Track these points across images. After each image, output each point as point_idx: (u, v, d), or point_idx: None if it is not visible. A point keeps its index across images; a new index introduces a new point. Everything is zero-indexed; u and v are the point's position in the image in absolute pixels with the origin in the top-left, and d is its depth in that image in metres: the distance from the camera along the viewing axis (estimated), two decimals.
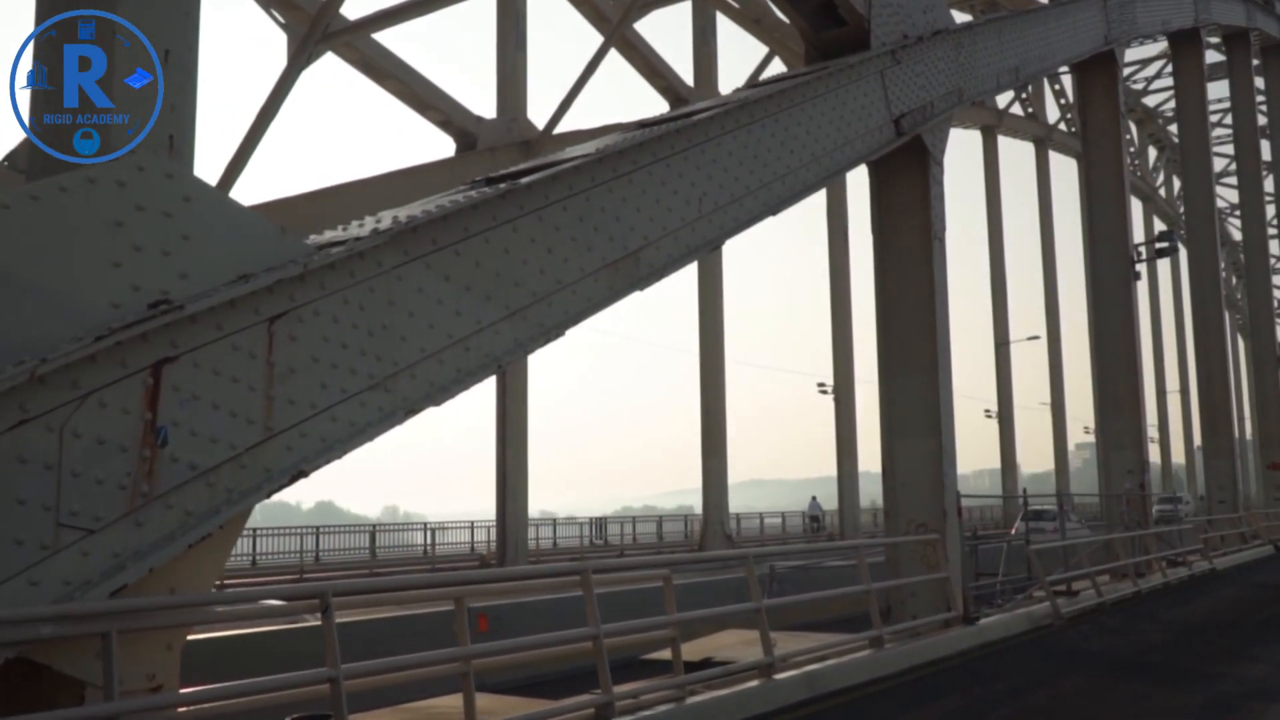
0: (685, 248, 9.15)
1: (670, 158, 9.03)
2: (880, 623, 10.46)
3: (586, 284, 8.05)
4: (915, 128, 13.12)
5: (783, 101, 10.63)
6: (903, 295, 13.81)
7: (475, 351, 7.09)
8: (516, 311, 7.43)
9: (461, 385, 6.94)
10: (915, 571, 12.97)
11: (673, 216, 8.99)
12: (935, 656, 10.90)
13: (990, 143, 51.99)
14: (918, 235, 13.75)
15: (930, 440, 13.37)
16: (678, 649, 8.20)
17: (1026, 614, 13.63)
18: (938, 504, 13.15)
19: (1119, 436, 21.20)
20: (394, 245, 6.59)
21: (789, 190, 10.63)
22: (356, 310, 6.34)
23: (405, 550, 32.78)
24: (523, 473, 30.27)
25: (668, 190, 8.97)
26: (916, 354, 13.60)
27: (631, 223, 8.55)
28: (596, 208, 8.21)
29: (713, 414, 38.89)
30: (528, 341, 7.48)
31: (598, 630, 7.22)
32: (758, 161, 10.15)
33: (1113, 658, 11.39)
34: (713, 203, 9.47)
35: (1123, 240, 21.47)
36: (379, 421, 6.38)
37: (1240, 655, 11.22)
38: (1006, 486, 50.30)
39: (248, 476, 5.68)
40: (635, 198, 8.61)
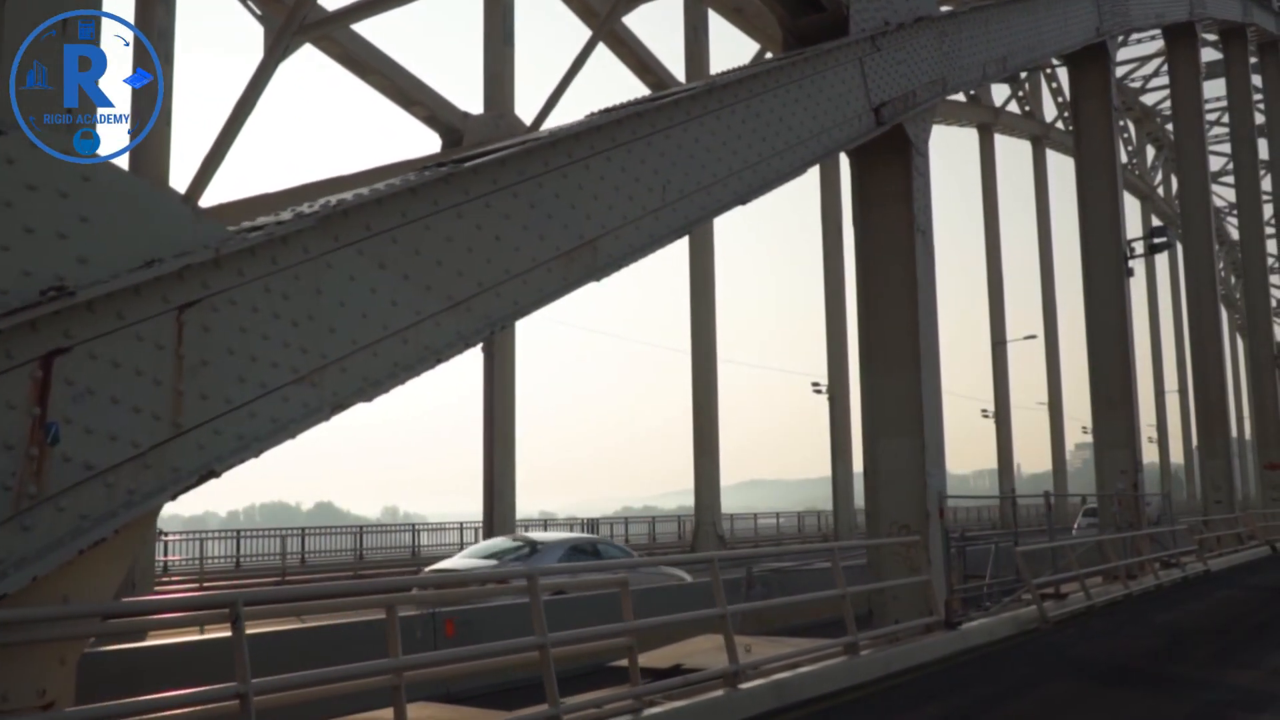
0: (648, 237, 8.75)
1: (631, 143, 8.63)
2: (855, 628, 10.04)
3: (538, 274, 7.65)
4: (896, 117, 12.72)
5: (754, 87, 10.23)
6: (885, 290, 13.43)
7: (414, 344, 6.70)
8: (460, 302, 7.04)
9: (397, 379, 6.55)
10: (897, 574, 12.60)
11: (634, 204, 8.59)
12: (914, 663, 10.51)
13: (987, 141, 51.65)
14: (900, 228, 13.36)
15: (913, 439, 12.99)
16: (634, 658, 7.81)
17: (1012, 618, 13.24)
18: (920, 505, 12.78)
19: (1113, 435, 20.81)
20: (322, 230, 6.20)
21: (760, 179, 10.23)
22: (279, 299, 5.95)
23: (390, 552, 32.34)
24: (510, 473, 29.91)
25: (628, 177, 8.58)
26: (899, 350, 13.22)
27: (588, 210, 8.15)
28: (550, 194, 7.82)
29: (704, 414, 38.51)
30: (472, 334, 7.08)
31: (544, 639, 6.83)
32: (726, 149, 9.74)
33: (1097, 664, 11.00)
34: (677, 190, 9.07)
35: (1115, 235, 21.07)
36: (303, 418, 5.99)
37: (1229, 661, 10.83)
38: (1003, 487, 50.01)
39: (151, 477, 5.28)
40: (593, 184, 8.21)
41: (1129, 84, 58.96)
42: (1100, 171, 21.31)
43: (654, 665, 10.10)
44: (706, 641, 11.60)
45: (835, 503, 38.13)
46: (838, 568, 10.37)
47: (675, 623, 8.87)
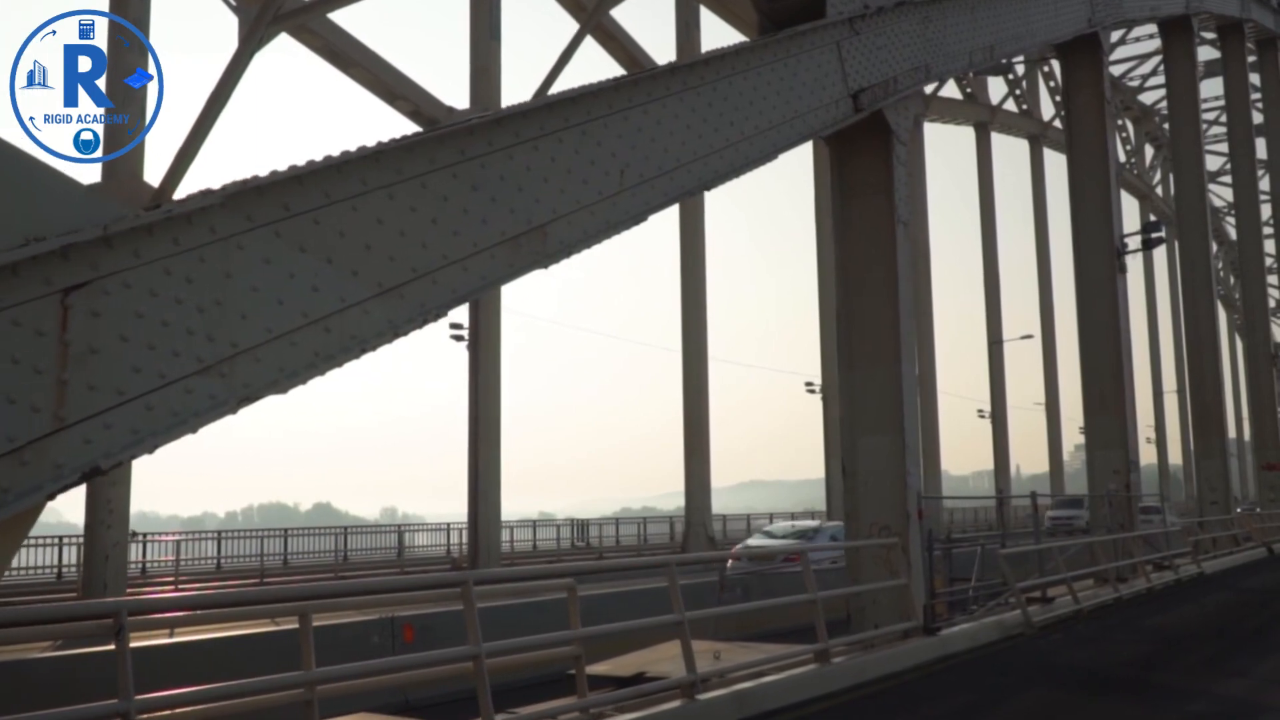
0: (604, 223, 8.32)
1: (585, 124, 8.19)
2: (826, 634, 9.59)
3: (480, 260, 7.21)
4: (876, 103, 12.27)
5: (722, 69, 9.79)
6: (864, 283, 13.00)
7: (338, 333, 6.26)
8: (392, 289, 6.60)
9: (317, 370, 6.11)
10: (877, 577, 12.17)
11: (588, 189, 8.15)
12: (889, 671, 10.05)
13: (984, 139, 51.24)
14: (881, 219, 12.93)
15: (893, 437, 12.55)
16: (581, 667, 7.36)
17: (996, 623, 12.78)
18: (900, 505, 12.35)
19: (1105, 435, 20.34)
20: (232, 209, 5.76)
21: (728, 165, 9.79)
22: (181, 283, 5.51)
23: (371, 554, 31.89)
24: (495, 475, 29.51)
25: (582, 159, 8.13)
26: (878, 345, 12.79)
27: (537, 194, 7.71)
28: (494, 176, 7.37)
29: (695, 414, 38.10)
30: (404, 322, 6.64)
31: (479, 649, 6.39)
32: (691, 133, 9.30)
33: (1082, 671, 10.55)
34: (637, 175, 8.63)
35: (1108, 230, 20.60)
36: (208, 410, 5.55)
37: (1219, 669, 10.37)
38: (999, 488, 49.61)
39: (29, 474, 4.84)
40: (542, 166, 7.78)
41: (1127, 82, 58.54)
42: (1093, 164, 20.84)
43: (617, 673, 9.67)
44: (676, 648, 11.18)
45: (828, 503, 37.68)
46: (808, 571, 9.92)
47: (627, 630, 8.36)
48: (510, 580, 8.87)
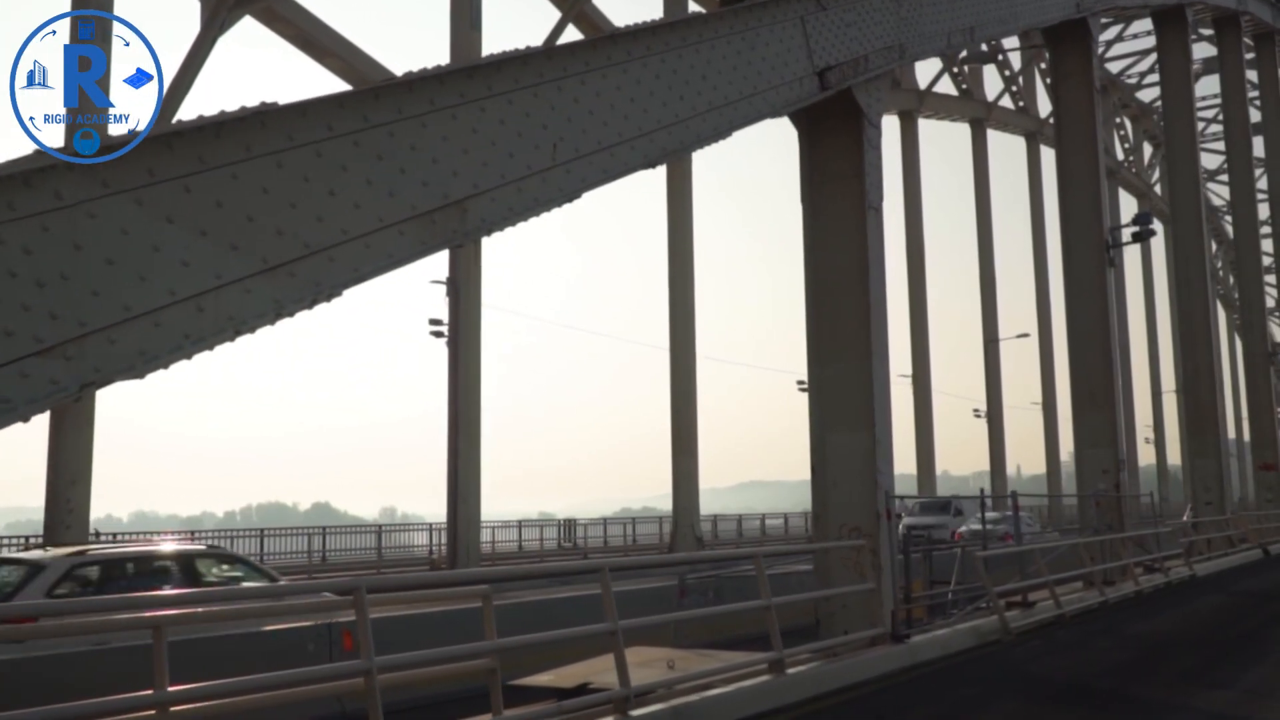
0: (532, 200, 7.70)
1: (512, 93, 7.58)
2: (780, 643, 8.96)
3: (386, 236, 6.60)
4: (844, 82, 11.66)
5: (671, 40, 9.17)
6: (834, 272, 12.40)
7: (212, 312, 5.65)
8: (279, 266, 5.99)
9: (184, 353, 5.51)
10: (846, 580, 11.57)
11: (515, 162, 7.54)
12: (849, 681, 9.44)
13: (979, 136, 50.70)
14: (851, 205, 12.32)
15: (864, 434, 11.95)
16: (495, 681, 6.74)
17: (972, 629, 12.16)
18: (871, 505, 11.75)
19: (1095, 433, 19.73)
20: (83, 174, 5.15)
21: (677, 142, 9.19)
22: (18, 254, 4.91)
23: (351, 554, 31.29)
24: (475, 473, 28.91)
25: (509, 131, 7.52)
26: (849, 338, 12.19)
27: (455, 166, 7.10)
28: (403, 145, 6.77)
29: (683, 413, 37.47)
30: (292, 302, 6.03)
31: (370, 664, 5.78)
32: (635, 106, 8.68)
33: (1055, 682, 9.93)
34: (571, 149, 8.02)
35: (1097, 222, 19.98)
36: (45, 396, 4.95)
37: (1201, 679, 9.75)
38: (994, 488, 49.05)
39: None
40: (461, 136, 7.16)
41: (1125, 80, 57.94)
42: (1081, 155, 20.21)
43: (559, 684, 9.10)
44: (634, 655, 10.57)
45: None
46: (762, 575, 9.29)
47: (551, 641, 7.72)
48: (413, 588, 8.11)
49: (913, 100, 46.04)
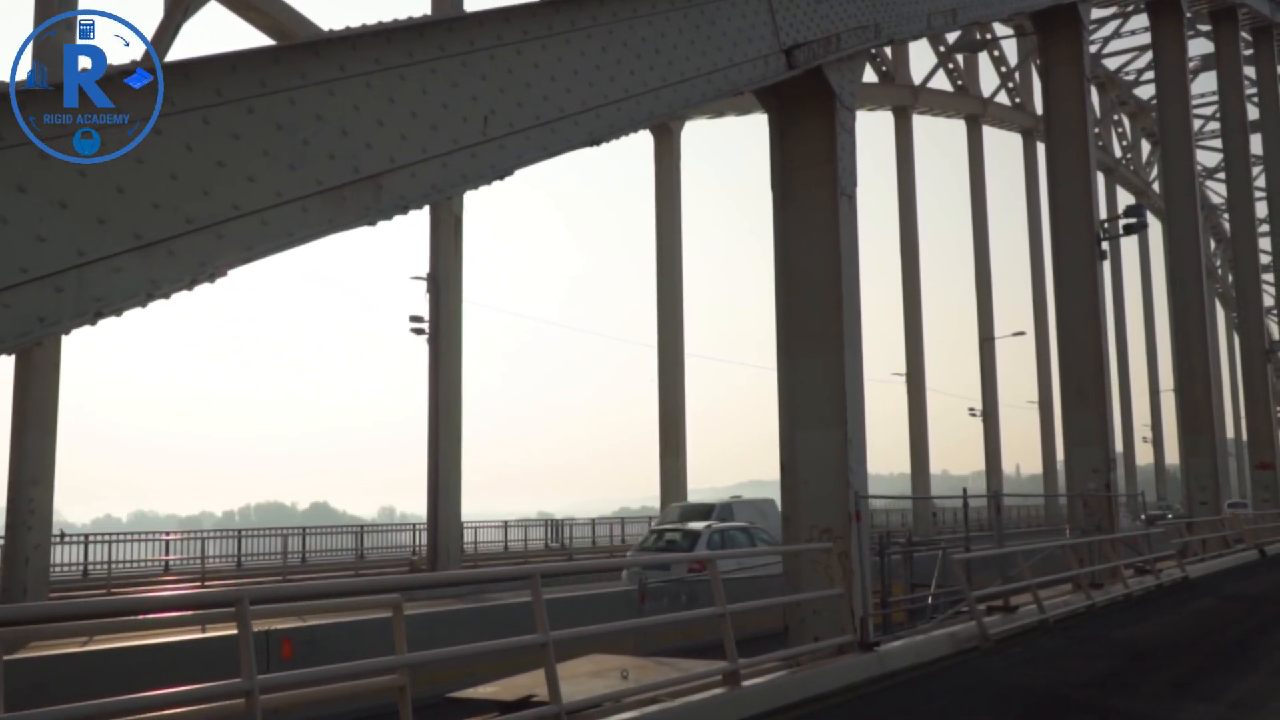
0: (459, 176, 7.16)
1: (436, 60, 7.02)
2: (735, 653, 8.38)
3: (286, 212, 6.04)
4: (814, 60, 11.08)
5: (620, 10, 8.60)
6: (805, 262, 11.83)
7: (73, 292, 5.09)
8: (156, 243, 5.43)
9: (32, 335, 4.95)
10: (817, 585, 11.02)
11: (439, 136, 6.98)
12: (811, 693, 8.86)
13: (975, 132, 50.07)
14: (822, 191, 11.74)
15: (835, 431, 11.39)
16: (404, 699, 6.17)
17: (948, 636, 11.59)
18: (843, 506, 11.18)
19: (1084, 431, 19.15)
20: None
21: (626, 119, 8.61)
22: None
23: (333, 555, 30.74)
24: (455, 472, 28.35)
25: (432, 102, 6.96)
26: (821, 330, 11.63)
27: (369, 139, 6.55)
28: (308, 114, 6.20)
29: (670, 411, 37.03)
30: (169, 282, 5.47)
31: (252, 683, 5.20)
32: (579, 80, 8.12)
33: (1033, 693, 9.35)
34: (505, 123, 7.46)
35: (1087, 214, 19.38)
36: None
37: (1186, 691, 9.16)
38: (990, 488, 48.56)
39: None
40: (376, 106, 6.60)
41: (1123, 77, 57.35)
42: (1071, 145, 19.60)
43: (502, 696, 8.54)
44: (588, 664, 10.02)
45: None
46: (716, 581, 8.71)
47: (456, 656, 7.04)
48: (307, 598, 7.42)
49: (907, 96, 45.43)
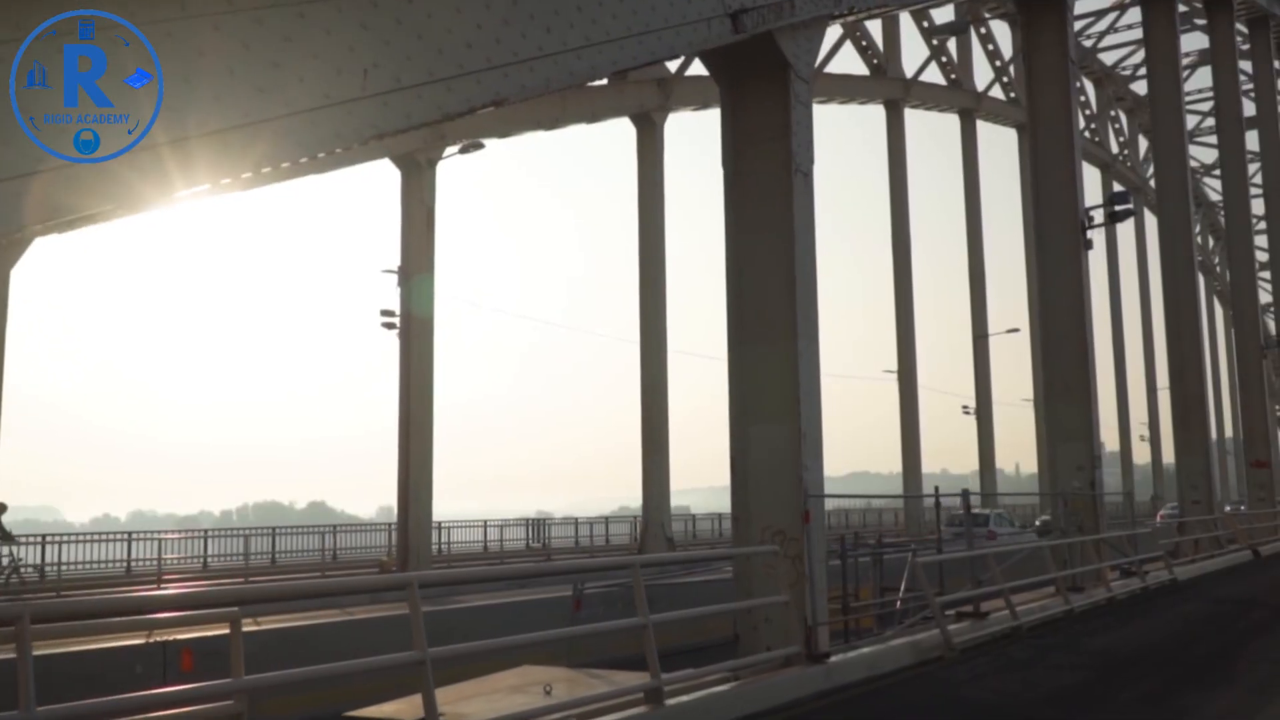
0: (331, 134, 6.39)
1: (305, 5, 6.24)
2: (659, 669, 7.58)
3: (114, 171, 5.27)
4: (762, 26, 10.32)
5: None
6: (756, 243, 11.10)
7: None
8: None
9: None
10: (769, 590, 10.24)
11: (307, 90, 6.21)
12: (746, 711, 8.07)
13: (969, 127, 49.30)
14: (776, 168, 11.01)
15: (788, 425, 10.63)
16: None
17: (910, 645, 10.80)
18: (796, 506, 10.43)
19: (1068, 426, 18.35)
20: None
21: (541, 80, 7.85)
22: None
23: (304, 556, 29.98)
24: (427, 473, 27.61)
25: (299, 51, 6.18)
26: (773, 317, 10.88)
27: (218, 90, 5.77)
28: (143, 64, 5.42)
29: (653, 409, 36.23)
30: None
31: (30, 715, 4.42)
32: (483, 34, 7.33)
33: (991, 711, 8.58)
34: (390, 78, 6.68)
35: (1072, 202, 18.59)
36: None
37: (1161, 707, 8.38)
38: (984, 486, 47.92)
39: None
40: (230, 53, 5.82)
41: (1119, 72, 56.59)
42: (1053, 130, 18.82)
43: (400, 716, 7.82)
44: (515, 677, 9.26)
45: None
46: (639, 590, 7.90)
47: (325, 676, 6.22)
48: (79, 617, 6.36)
49: (899, 89, 44.61)
